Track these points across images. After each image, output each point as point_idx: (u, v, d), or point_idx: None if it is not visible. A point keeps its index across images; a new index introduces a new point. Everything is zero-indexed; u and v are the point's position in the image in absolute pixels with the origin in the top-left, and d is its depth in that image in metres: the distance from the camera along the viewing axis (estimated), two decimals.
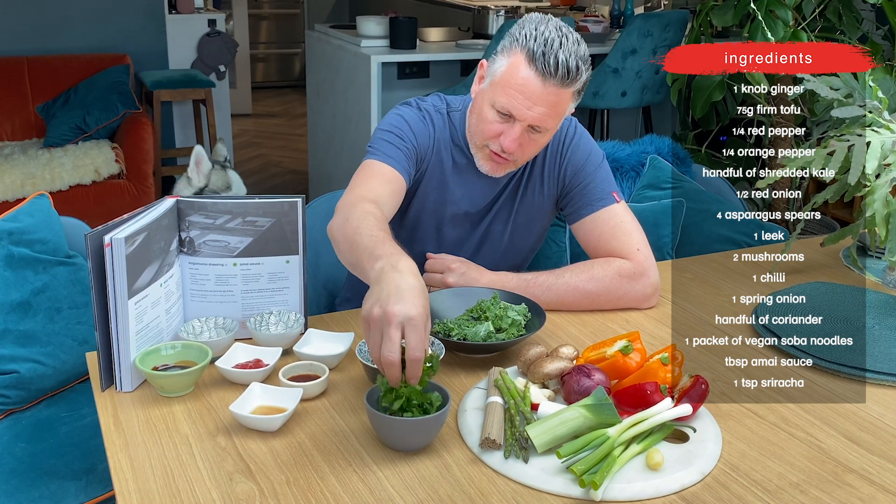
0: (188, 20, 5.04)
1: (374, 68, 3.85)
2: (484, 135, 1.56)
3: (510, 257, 1.77)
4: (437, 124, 1.67)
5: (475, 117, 1.59)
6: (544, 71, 1.46)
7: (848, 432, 1.26)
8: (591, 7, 5.76)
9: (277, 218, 1.44)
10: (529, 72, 1.47)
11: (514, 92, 1.49)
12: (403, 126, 1.63)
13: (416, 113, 1.66)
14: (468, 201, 1.70)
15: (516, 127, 1.52)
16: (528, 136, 1.54)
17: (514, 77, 1.49)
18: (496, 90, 1.52)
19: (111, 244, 1.25)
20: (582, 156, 1.70)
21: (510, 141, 1.52)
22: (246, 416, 1.22)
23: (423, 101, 1.70)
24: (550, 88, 1.48)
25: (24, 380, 1.71)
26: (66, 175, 3.87)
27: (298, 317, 1.48)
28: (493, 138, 1.55)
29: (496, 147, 1.56)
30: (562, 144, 1.71)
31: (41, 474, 1.59)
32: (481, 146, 1.59)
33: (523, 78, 1.48)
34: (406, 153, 1.60)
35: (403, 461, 1.16)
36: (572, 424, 1.15)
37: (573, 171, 1.70)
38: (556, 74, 1.46)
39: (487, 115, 1.54)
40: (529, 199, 1.73)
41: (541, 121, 1.51)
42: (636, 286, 1.64)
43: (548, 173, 1.72)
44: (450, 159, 1.67)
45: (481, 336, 1.41)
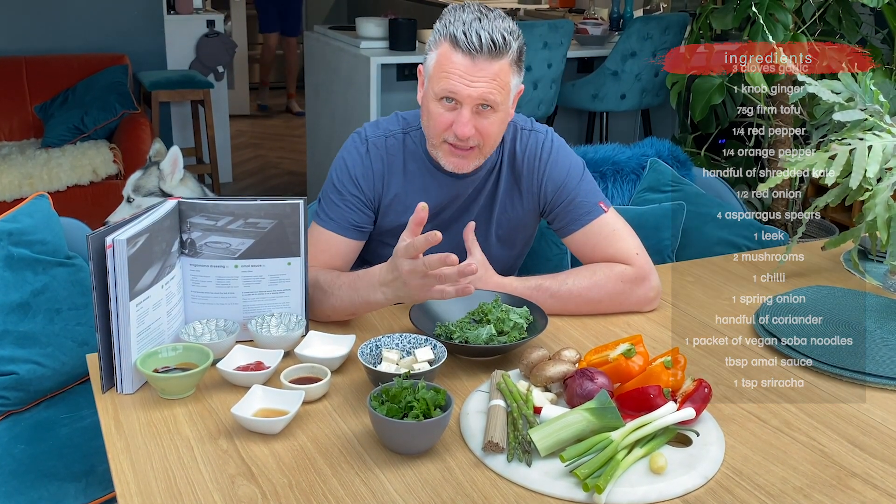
0: (187, 21, 5.04)
1: (374, 69, 3.85)
2: (437, 129, 1.56)
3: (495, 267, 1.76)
4: (384, 155, 1.67)
5: (425, 119, 1.60)
6: (470, 49, 1.48)
7: (851, 436, 1.26)
8: (590, 10, 5.76)
9: (279, 220, 1.43)
10: (457, 55, 1.50)
11: (450, 75, 1.50)
12: (344, 178, 1.66)
13: (357, 155, 1.67)
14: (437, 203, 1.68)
15: (464, 110, 1.52)
16: (479, 118, 1.54)
17: (445, 64, 1.51)
18: (433, 83, 1.54)
19: (113, 245, 1.25)
20: (561, 172, 1.69)
21: (462, 125, 1.52)
22: (248, 419, 1.21)
23: (375, 130, 1.69)
24: (482, 64, 1.49)
25: (23, 381, 1.70)
26: (63, 175, 3.86)
27: (300, 319, 1.47)
28: (447, 129, 1.55)
29: (451, 137, 1.56)
30: (538, 160, 1.69)
31: (40, 476, 1.58)
32: (439, 143, 1.59)
33: (453, 62, 1.50)
34: (352, 205, 1.65)
35: (406, 464, 1.15)
36: (575, 428, 1.15)
37: (554, 187, 1.69)
38: (482, 49, 1.48)
39: (434, 109, 1.55)
40: (510, 211, 1.72)
41: (485, 95, 1.50)
42: (638, 290, 1.63)
43: (526, 187, 1.70)
44: (413, 175, 1.67)
45: (483, 339, 1.41)
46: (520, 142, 1.70)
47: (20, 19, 4.47)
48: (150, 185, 2.58)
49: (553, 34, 3.95)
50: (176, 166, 2.56)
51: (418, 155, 1.67)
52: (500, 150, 1.69)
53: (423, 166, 1.67)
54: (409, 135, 1.69)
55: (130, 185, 2.62)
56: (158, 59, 4.87)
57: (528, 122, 1.73)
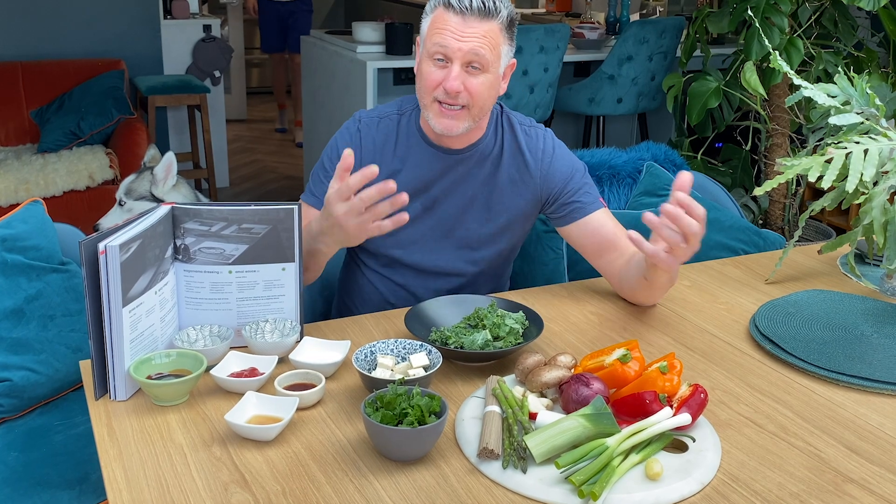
0: (183, 25, 5.04)
1: (370, 74, 3.85)
2: (428, 87, 1.60)
3: (489, 256, 1.77)
4: (375, 134, 1.72)
5: (419, 82, 1.63)
6: (461, 8, 1.55)
7: (848, 441, 1.25)
8: (586, 14, 5.77)
9: (273, 225, 1.43)
10: (449, 15, 1.56)
11: (442, 31, 1.56)
12: (333, 155, 1.73)
13: (348, 134, 1.74)
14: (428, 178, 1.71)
15: (455, 66, 1.56)
16: (469, 77, 1.57)
17: (438, 24, 1.57)
18: (427, 44, 1.59)
19: (106, 251, 1.24)
20: (567, 166, 1.74)
21: (451, 79, 1.56)
22: (241, 426, 1.20)
23: (370, 112, 1.76)
24: (472, 22, 1.55)
25: (16, 388, 1.69)
26: (60, 180, 3.86)
27: (294, 324, 1.47)
28: (437, 86, 1.59)
29: (441, 94, 1.59)
30: (542, 152, 1.73)
31: (34, 483, 1.57)
32: (430, 103, 1.61)
33: (445, 21, 1.56)
34: None
35: (401, 471, 1.15)
36: (571, 434, 1.14)
37: (562, 180, 1.73)
38: (473, 8, 1.54)
39: (426, 68, 1.60)
40: (509, 200, 1.73)
41: (475, 49, 1.55)
42: None
43: (531, 177, 1.73)
44: (405, 152, 1.70)
45: (479, 344, 1.41)
46: (524, 135, 1.74)
47: (16, 24, 4.47)
48: (142, 189, 2.58)
49: (549, 38, 3.95)
50: (169, 172, 2.56)
51: (412, 132, 1.71)
52: (499, 138, 1.73)
53: (416, 141, 1.71)
54: (404, 115, 1.73)
55: (123, 189, 2.62)
56: (155, 64, 4.87)
57: (528, 120, 1.78)
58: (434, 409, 1.18)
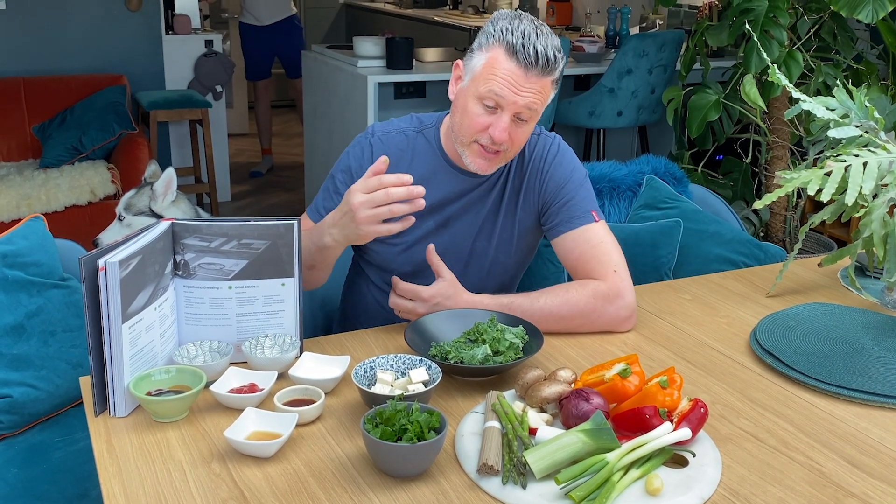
0: (185, 41, 5.06)
1: (371, 88, 3.86)
2: (472, 129, 1.57)
3: (497, 274, 1.76)
4: (388, 150, 1.68)
5: (458, 115, 1.60)
6: (526, 62, 1.50)
7: (848, 456, 1.25)
8: (586, 27, 5.79)
9: (273, 240, 1.43)
10: (511, 63, 1.51)
11: (501, 80, 1.52)
12: (342, 169, 1.71)
13: (360, 148, 1.72)
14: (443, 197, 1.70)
15: (504, 116, 1.54)
16: (514, 126, 1.56)
17: (496, 69, 1.52)
18: (479, 84, 1.54)
19: (105, 268, 1.24)
20: (565, 173, 1.71)
21: (500, 131, 1.54)
22: (241, 442, 1.20)
23: (384, 126, 1.73)
24: (533, 77, 1.52)
25: (17, 404, 1.69)
26: (61, 196, 3.86)
27: (294, 340, 1.47)
28: (482, 131, 1.56)
29: (485, 140, 1.57)
30: (544, 161, 1.72)
31: (34, 500, 1.57)
32: (469, 143, 1.59)
33: (506, 69, 1.51)
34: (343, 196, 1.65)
35: (400, 487, 1.14)
36: (571, 449, 1.14)
37: (556, 186, 1.70)
38: (537, 64, 1.50)
39: (473, 109, 1.56)
40: (512, 215, 1.73)
41: (529, 106, 1.53)
42: (610, 308, 1.61)
43: (529, 187, 1.72)
44: (421, 169, 1.67)
45: (478, 359, 1.40)
46: (528, 145, 1.72)
47: (18, 40, 4.49)
48: (141, 204, 2.58)
49: None
50: (169, 188, 2.56)
51: (430, 150, 1.70)
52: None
53: (434, 160, 1.69)
54: (422, 133, 1.71)
55: (122, 204, 2.62)
56: (157, 79, 4.88)
57: (536, 128, 1.75)
58: (433, 424, 1.17)
